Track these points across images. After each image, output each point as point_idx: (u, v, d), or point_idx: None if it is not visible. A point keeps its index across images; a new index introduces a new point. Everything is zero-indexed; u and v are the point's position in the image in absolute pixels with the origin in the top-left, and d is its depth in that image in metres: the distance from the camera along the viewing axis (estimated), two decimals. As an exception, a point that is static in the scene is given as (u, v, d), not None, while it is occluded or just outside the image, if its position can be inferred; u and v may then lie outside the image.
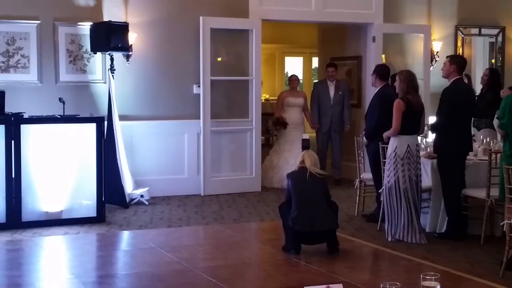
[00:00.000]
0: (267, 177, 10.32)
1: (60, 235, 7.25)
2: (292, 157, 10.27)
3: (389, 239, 6.95)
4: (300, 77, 17.87)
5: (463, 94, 7.09)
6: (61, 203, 7.68)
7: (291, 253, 6.29)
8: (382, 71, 8.02)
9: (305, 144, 10.03)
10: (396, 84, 7.06)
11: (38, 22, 8.85)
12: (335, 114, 10.52)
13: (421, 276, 3.45)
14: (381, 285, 3.37)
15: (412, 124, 6.98)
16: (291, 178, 6.43)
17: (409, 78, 6.97)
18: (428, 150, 7.59)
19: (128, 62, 9.23)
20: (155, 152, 9.44)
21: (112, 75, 8.77)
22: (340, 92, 10.52)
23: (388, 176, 6.96)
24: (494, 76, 9.60)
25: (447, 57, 7.33)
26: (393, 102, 7.00)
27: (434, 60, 11.05)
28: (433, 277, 3.41)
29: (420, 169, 7.04)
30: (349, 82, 11.08)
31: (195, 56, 9.53)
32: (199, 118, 9.54)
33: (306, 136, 10.35)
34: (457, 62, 7.12)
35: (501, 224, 6.03)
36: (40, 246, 6.86)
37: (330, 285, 3.73)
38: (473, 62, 11.66)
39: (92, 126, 7.82)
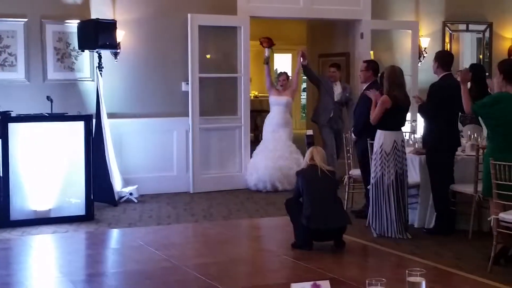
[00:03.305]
0: (251, 178, 9.83)
1: (48, 234, 7.23)
2: (277, 160, 9.83)
3: (374, 235, 6.98)
4: (289, 74, 17.81)
5: (450, 90, 7.09)
6: (50, 201, 7.67)
7: (303, 249, 6.28)
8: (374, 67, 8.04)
9: (310, 140, 9.72)
10: None
11: (25, 20, 8.80)
12: (336, 112, 10.17)
13: (407, 271, 3.47)
14: (367, 281, 3.38)
15: (398, 119, 7.03)
16: (302, 176, 6.42)
17: (391, 75, 6.99)
18: (416, 146, 7.62)
19: (116, 60, 9.21)
20: (144, 150, 9.42)
21: (100, 73, 8.75)
22: (347, 94, 10.17)
23: (374, 172, 6.99)
24: (474, 71, 9.34)
25: None
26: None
27: (422, 56, 11.08)
28: (418, 273, 3.43)
29: (406, 165, 7.07)
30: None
31: (184, 53, 9.51)
32: (188, 116, 9.53)
33: (310, 132, 10.00)
34: (439, 59, 7.18)
35: (488, 219, 6.06)
36: (29, 245, 6.84)
37: (317, 282, 3.73)
38: (461, 58, 11.69)
39: (80, 124, 7.80)
